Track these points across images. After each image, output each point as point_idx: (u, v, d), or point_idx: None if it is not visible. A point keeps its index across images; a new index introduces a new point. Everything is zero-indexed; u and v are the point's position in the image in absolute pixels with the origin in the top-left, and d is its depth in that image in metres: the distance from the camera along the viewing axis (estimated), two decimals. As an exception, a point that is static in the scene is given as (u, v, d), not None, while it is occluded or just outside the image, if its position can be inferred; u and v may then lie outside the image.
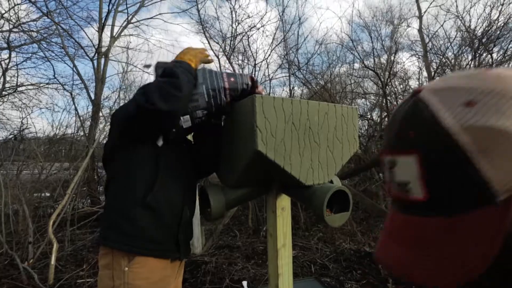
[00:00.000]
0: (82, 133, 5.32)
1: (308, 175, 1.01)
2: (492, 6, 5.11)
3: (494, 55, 5.06)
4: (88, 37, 5.29)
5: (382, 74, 5.53)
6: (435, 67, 5.83)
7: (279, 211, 1.13)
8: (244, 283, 2.30)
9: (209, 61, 1.05)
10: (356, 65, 6.74)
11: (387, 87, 4.93)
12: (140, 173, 0.92)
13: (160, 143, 0.96)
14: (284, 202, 1.15)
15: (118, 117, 0.97)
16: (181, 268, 1.04)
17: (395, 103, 5.35)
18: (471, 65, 5.13)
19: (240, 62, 4.84)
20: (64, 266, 2.77)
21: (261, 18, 4.88)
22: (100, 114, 5.14)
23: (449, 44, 5.94)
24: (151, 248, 0.90)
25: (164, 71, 0.91)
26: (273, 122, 0.91)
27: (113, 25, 5.47)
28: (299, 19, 5.30)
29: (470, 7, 6.11)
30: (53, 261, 2.30)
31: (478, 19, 5.61)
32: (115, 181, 0.95)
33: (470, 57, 5.40)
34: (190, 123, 0.98)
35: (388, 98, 4.94)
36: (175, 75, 0.88)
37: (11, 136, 5.24)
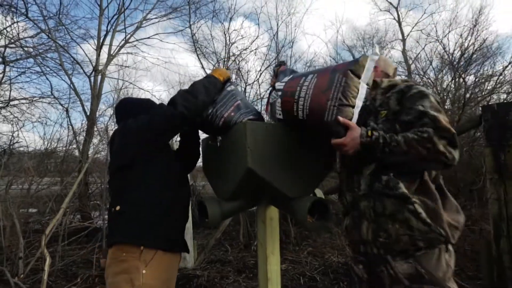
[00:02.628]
0: (75, 146, 5.35)
1: (292, 188, 1.15)
2: (468, 32, 5.72)
3: (472, 77, 5.56)
4: (86, 54, 5.40)
5: (367, 93, 5.81)
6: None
7: (268, 221, 1.26)
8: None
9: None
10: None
11: (372, 106, 5.18)
12: (160, 182, 1.11)
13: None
14: (272, 213, 1.29)
15: (151, 127, 1.10)
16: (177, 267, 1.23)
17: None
18: (451, 86, 5.54)
19: (233, 80, 5.04)
20: (54, 282, 2.76)
21: (255, 39, 5.15)
22: (95, 129, 5.20)
23: (430, 65, 6.38)
24: (173, 248, 1.11)
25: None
26: (262, 143, 1.07)
27: (110, 44, 5.65)
28: (292, 41, 5.63)
29: (448, 32, 6.64)
30: (45, 276, 2.30)
31: (456, 43, 6.11)
32: (137, 189, 1.08)
33: (450, 78, 5.82)
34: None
35: (373, 116, 5.18)
36: (193, 85, 1.14)
37: (0, 150, 5.20)
